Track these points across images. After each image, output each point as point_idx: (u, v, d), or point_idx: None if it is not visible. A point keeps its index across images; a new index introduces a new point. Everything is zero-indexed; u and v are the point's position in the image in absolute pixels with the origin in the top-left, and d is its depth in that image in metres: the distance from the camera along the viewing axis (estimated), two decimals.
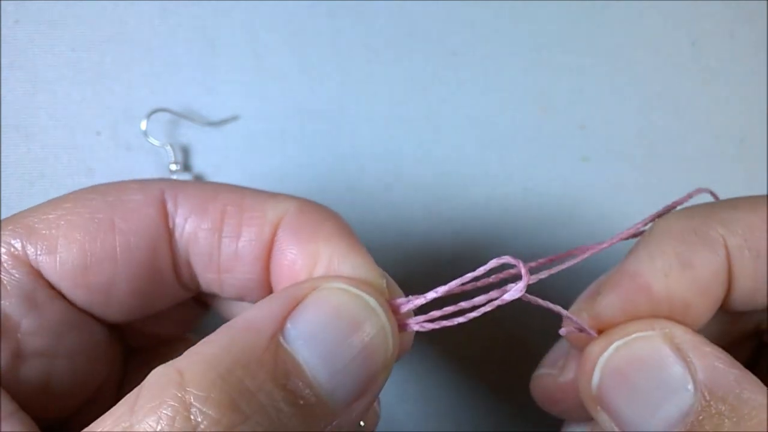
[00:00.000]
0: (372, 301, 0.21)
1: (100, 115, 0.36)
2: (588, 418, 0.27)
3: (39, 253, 0.22)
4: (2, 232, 0.22)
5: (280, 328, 0.20)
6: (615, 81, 0.38)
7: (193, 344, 0.26)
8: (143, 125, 0.35)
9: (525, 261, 0.22)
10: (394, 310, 0.22)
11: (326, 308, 0.20)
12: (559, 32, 0.38)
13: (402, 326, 0.22)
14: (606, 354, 0.23)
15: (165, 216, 0.23)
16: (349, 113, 0.37)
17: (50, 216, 0.22)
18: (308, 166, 0.37)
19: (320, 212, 0.23)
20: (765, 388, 0.22)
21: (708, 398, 0.21)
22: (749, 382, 0.21)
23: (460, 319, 0.22)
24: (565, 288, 0.32)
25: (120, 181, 0.24)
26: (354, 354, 0.20)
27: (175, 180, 0.24)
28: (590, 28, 0.38)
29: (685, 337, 0.23)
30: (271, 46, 0.37)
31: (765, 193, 0.37)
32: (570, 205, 0.37)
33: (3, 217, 0.35)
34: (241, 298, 0.25)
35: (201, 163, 0.36)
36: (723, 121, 0.38)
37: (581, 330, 0.24)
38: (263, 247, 0.23)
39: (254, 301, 0.24)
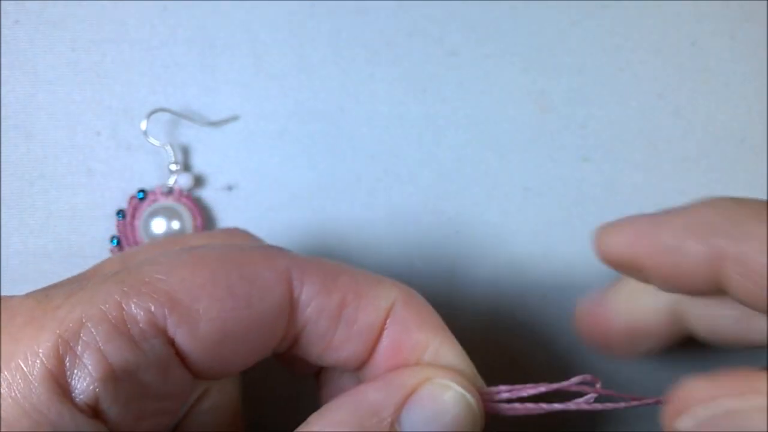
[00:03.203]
0: (472, 401, 0.24)
1: (100, 115, 0.36)
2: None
3: (179, 324, 0.22)
4: (141, 298, 0.22)
5: (397, 416, 0.23)
6: (615, 81, 0.38)
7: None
8: (143, 125, 0.35)
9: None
10: (484, 397, 0.25)
11: (435, 404, 0.23)
12: (559, 32, 0.38)
13: (489, 409, 0.25)
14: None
15: (291, 295, 0.24)
16: (349, 113, 0.37)
17: (190, 285, 0.22)
18: (308, 166, 0.37)
19: (423, 304, 0.26)
20: None
21: None
22: None
23: (544, 406, 0.25)
24: None
25: (243, 247, 0.25)
26: None
27: (298, 257, 0.25)
28: (590, 28, 0.38)
29: None
30: (271, 46, 0.37)
31: (766, 192, 0.37)
32: (570, 205, 0.37)
33: (3, 217, 0.35)
34: (332, 366, 0.27)
35: (201, 163, 0.36)
36: (723, 121, 0.38)
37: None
38: (375, 331, 0.25)
39: (344, 368, 0.27)
